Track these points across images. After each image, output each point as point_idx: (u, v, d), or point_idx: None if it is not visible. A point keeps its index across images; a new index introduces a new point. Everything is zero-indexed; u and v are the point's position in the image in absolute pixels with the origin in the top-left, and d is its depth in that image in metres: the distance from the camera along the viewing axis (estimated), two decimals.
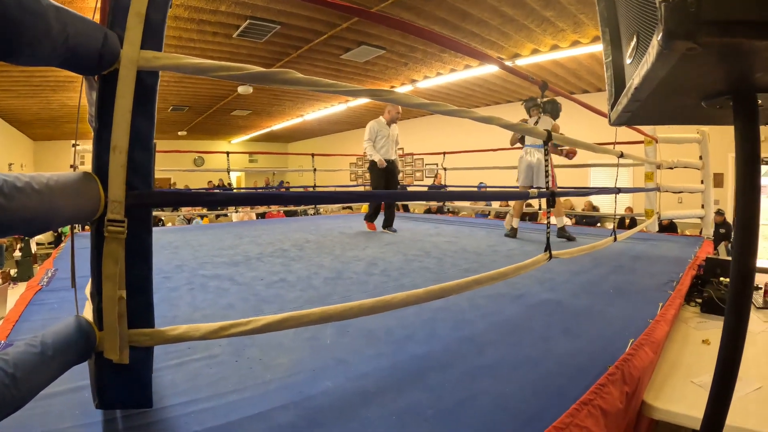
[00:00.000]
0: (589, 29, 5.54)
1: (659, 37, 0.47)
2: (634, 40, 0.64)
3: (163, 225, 8.58)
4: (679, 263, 2.92)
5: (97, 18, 0.95)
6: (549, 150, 2.26)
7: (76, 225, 1.26)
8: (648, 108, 0.74)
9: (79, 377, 1.09)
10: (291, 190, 10.89)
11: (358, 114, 11.64)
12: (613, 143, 3.45)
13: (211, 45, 6.12)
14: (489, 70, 7.35)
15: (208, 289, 2.17)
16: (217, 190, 10.26)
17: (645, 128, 4.13)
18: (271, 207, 7.84)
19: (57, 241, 7.99)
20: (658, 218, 4.39)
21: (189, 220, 8.84)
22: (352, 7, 1.46)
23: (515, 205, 4.52)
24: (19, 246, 7.19)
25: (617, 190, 3.12)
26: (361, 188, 8.06)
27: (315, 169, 6.82)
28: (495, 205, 8.48)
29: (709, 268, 2.61)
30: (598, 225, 7.75)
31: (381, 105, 7.29)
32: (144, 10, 0.90)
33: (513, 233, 4.27)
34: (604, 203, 8.52)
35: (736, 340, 0.68)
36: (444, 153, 7.02)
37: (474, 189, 7.45)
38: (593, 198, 8.44)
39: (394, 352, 1.43)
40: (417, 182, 12.40)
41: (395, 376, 1.26)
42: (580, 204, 8.67)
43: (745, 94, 0.65)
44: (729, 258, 2.98)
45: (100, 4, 0.99)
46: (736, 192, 0.68)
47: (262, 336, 1.43)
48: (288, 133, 15.51)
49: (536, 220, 6.48)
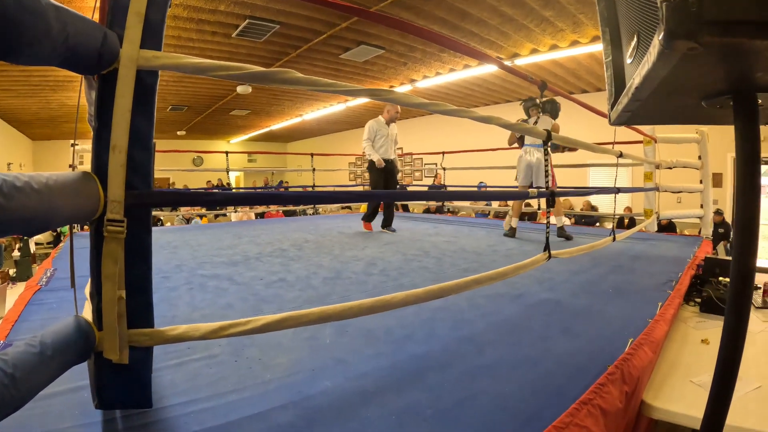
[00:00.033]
0: (589, 29, 5.54)
1: (660, 37, 0.47)
2: (635, 39, 0.64)
3: (162, 225, 8.58)
4: (678, 263, 2.93)
5: (97, 17, 0.95)
6: (549, 150, 2.26)
7: (75, 225, 1.26)
8: (648, 107, 0.74)
9: (78, 377, 1.09)
10: (290, 189, 10.88)
11: (357, 114, 11.64)
12: (612, 143, 3.45)
13: (210, 45, 6.12)
14: (488, 69, 7.34)
15: (207, 288, 2.17)
16: (216, 190, 10.26)
17: (644, 128, 4.13)
18: (270, 207, 7.84)
19: (56, 241, 7.99)
20: (657, 218, 4.39)
21: (188, 220, 8.83)
22: (352, 6, 1.46)
23: (514, 204, 4.52)
24: (17, 246, 7.18)
25: (616, 190, 3.12)
26: (360, 188, 8.06)
27: (314, 169, 6.81)
28: (495, 204, 8.49)
29: (708, 268, 2.61)
30: (597, 225, 7.76)
31: (380, 105, 7.30)
32: (143, 10, 0.90)
33: (512, 233, 4.27)
34: (603, 203, 8.53)
35: (737, 340, 0.68)
36: (443, 153, 7.02)
37: (473, 189, 7.45)
38: (592, 198, 8.45)
39: (393, 351, 1.43)
40: (416, 182, 12.41)
41: (394, 376, 1.26)
42: (578, 204, 8.67)
43: (746, 93, 0.65)
44: (728, 258, 3.00)
45: (99, 4, 0.99)
46: (737, 192, 0.68)
47: (261, 336, 1.43)
48: (287, 133, 15.50)
49: (535, 219, 6.49)
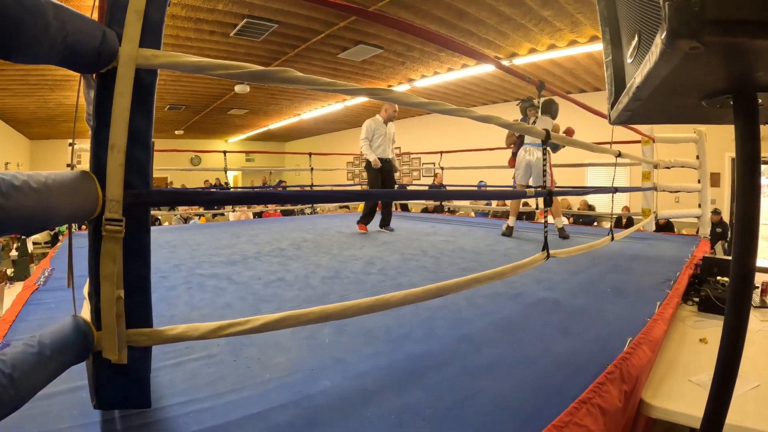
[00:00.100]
0: (587, 29, 5.55)
1: (663, 36, 0.47)
2: (636, 39, 0.64)
3: (160, 224, 8.56)
4: (676, 262, 2.93)
5: (96, 16, 0.95)
6: (548, 149, 2.26)
7: (74, 224, 1.26)
8: (649, 107, 0.74)
9: (77, 377, 1.09)
10: (288, 189, 10.87)
11: (355, 113, 11.62)
12: (610, 143, 3.46)
13: (208, 44, 6.10)
14: (486, 69, 7.34)
15: (205, 288, 2.17)
16: (214, 190, 10.23)
17: (642, 128, 4.14)
18: (268, 206, 7.83)
19: (54, 241, 7.95)
20: (655, 218, 4.41)
21: (186, 220, 8.81)
22: (350, 6, 1.46)
23: (512, 204, 4.52)
24: (15, 245, 7.15)
25: (614, 190, 3.13)
26: (358, 187, 8.06)
27: (312, 168, 6.80)
28: (494, 204, 8.50)
29: (706, 268, 2.62)
30: (595, 224, 7.78)
31: (378, 104, 7.29)
32: (143, 8, 0.89)
33: (509, 232, 4.27)
34: (600, 202, 8.54)
35: (737, 340, 0.68)
36: (441, 152, 7.02)
37: (472, 188, 7.45)
38: (589, 197, 8.46)
39: (392, 351, 1.43)
40: (414, 181, 12.41)
41: (394, 375, 1.26)
42: (575, 203, 8.69)
43: (746, 93, 0.65)
44: (726, 257, 3.00)
45: (98, 2, 0.99)
46: (737, 191, 0.68)
47: (260, 335, 1.43)
48: (285, 133, 15.48)
49: (533, 219, 6.49)
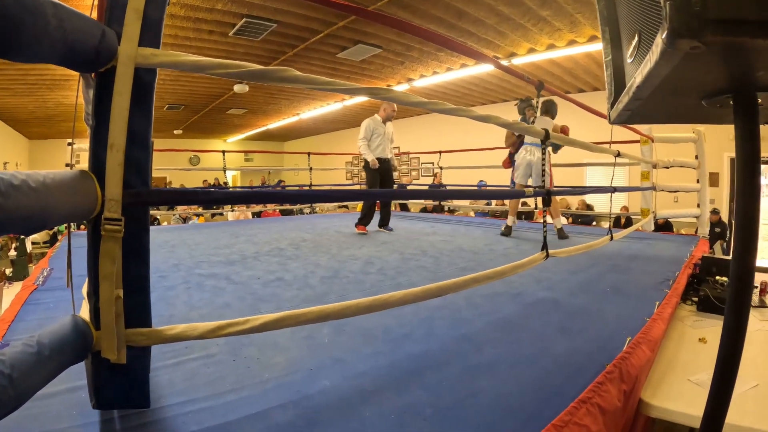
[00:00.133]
0: (586, 28, 5.55)
1: (663, 36, 0.46)
2: (636, 39, 0.64)
3: (159, 224, 8.54)
4: (675, 262, 2.94)
5: (95, 15, 0.95)
6: (548, 149, 2.26)
7: (73, 224, 1.25)
8: (649, 106, 0.74)
9: (76, 377, 1.09)
10: (287, 189, 10.86)
11: (354, 113, 11.62)
12: (609, 142, 3.46)
13: (207, 43, 6.09)
14: (485, 69, 7.35)
15: (204, 288, 2.17)
16: (213, 189, 10.20)
17: (641, 128, 4.15)
18: (267, 206, 7.83)
19: (52, 240, 7.93)
20: (654, 217, 4.41)
21: (185, 219, 8.79)
22: (349, 5, 1.46)
23: (510, 203, 4.52)
24: (14, 245, 7.13)
25: (613, 189, 3.13)
26: (357, 187, 8.05)
27: (311, 168, 6.79)
28: (493, 203, 8.50)
29: (705, 267, 2.62)
30: (594, 224, 7.78)
31: (377, 104, 7.29)
32: (142, 7, 0.89)
33: (508, 232, 4.27)
34: (599, 202, 8.54)
35: (736, 340, 0.68)
36: (440, 152, 7.01)
37: (471, 187, 7.45)
38: (588, 197, 8.47)
39: (391, 350, 1.43)
40: (414, 181, 12.41)
41: (393, 375, 1.26)
42: (574, 203, 8.69)
43: (746, 92, 0.65)
44: (724, 257, 3.01)
45: (97, 1, 0.99)
46: (737, 191, 0.68)
47: (259, 335, 1.43)
48: (284, 132, 15.47)
49: (532, 218, 6.49)
